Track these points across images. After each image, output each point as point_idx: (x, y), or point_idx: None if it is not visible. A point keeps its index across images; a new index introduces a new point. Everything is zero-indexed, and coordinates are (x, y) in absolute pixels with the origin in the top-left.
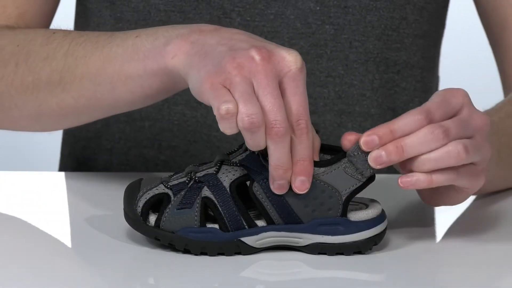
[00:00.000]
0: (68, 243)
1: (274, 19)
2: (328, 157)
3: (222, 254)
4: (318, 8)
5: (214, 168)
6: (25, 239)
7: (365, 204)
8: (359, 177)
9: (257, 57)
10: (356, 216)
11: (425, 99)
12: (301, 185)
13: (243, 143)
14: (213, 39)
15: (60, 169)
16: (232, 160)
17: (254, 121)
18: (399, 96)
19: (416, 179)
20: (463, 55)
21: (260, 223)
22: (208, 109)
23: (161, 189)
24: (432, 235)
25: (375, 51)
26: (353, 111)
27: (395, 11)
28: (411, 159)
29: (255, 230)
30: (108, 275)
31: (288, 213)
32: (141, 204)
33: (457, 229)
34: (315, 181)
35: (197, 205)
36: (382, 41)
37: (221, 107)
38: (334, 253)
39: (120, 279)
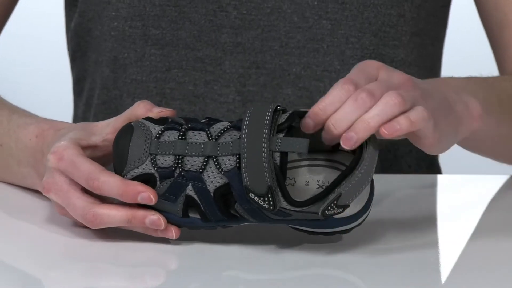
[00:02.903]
0: (67, 243)
1: (270, 13)
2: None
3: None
4: (315, 3)
5: (202, 161)
6: (23, 238)
7: None
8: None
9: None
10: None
11: None
12: (147, 198)
13: (232, 122)
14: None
15: None
16: (218, 159)
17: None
18: None
19: (397, 124)
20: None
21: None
22: (206, 102)
23: (147, 168)
24: (431, 235)
25: (371, 47)
26: None
27: (392, 8)
28: (356, 124)
29: (238, 220)
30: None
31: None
32: None
33: (456, 228)
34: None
35: (181, 201)
36: (378, 38)
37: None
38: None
39: (111, 277)
